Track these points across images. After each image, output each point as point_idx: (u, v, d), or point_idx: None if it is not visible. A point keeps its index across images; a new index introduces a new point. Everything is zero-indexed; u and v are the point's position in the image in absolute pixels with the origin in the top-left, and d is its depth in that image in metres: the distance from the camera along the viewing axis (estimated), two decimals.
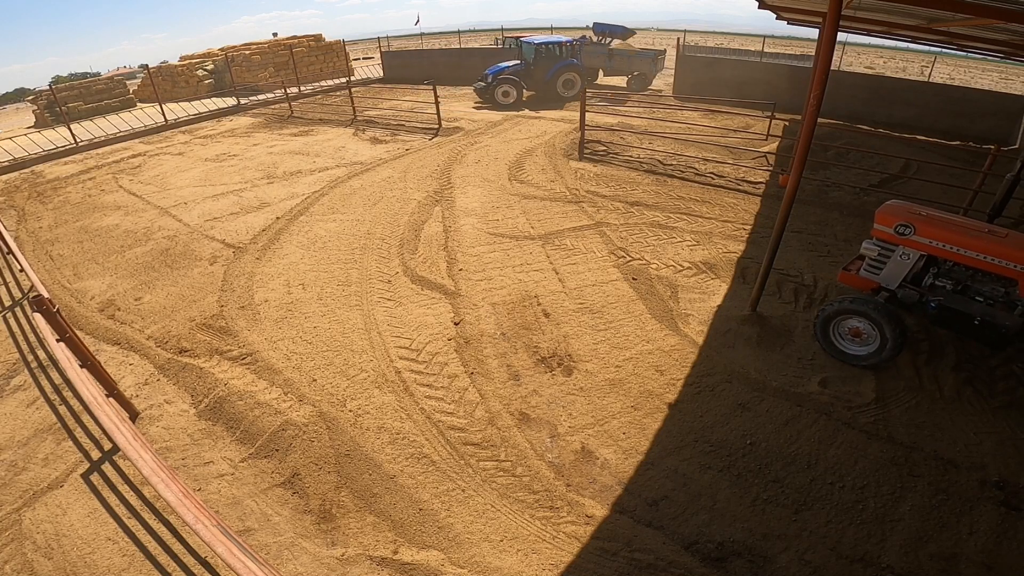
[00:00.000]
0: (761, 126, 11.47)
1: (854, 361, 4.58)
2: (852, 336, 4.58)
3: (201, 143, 13.54)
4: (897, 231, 4.45)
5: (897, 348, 4.33)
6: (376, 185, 9.38)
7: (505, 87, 15.41)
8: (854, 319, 4.47)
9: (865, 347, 4.52)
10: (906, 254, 4.50)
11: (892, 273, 4.60)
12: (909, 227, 4.38)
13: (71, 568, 3.24)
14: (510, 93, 15.44)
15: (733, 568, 3.08)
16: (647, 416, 4.15)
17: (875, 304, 4.34)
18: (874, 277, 4.70)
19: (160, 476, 2.89)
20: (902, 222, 4.42)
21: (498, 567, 3.13)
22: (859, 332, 4.51)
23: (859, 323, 4.47)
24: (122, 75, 29.84)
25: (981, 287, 4.29)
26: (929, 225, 4.34)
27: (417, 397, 4.43)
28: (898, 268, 4.56)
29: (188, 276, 6.67)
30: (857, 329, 4.51)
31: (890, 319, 4.26)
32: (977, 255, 4.16)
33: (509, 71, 15.67)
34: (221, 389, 4.63)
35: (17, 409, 4.63)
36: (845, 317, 4.53)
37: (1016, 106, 11.96)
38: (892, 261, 4.58)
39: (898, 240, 4.47)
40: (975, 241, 4.17)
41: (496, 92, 15.37)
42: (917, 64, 26.41)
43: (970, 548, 3.11)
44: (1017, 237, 4.20)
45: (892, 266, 4.59)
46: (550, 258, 6.51)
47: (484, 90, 15.65)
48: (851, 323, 4.52)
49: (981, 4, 4.31)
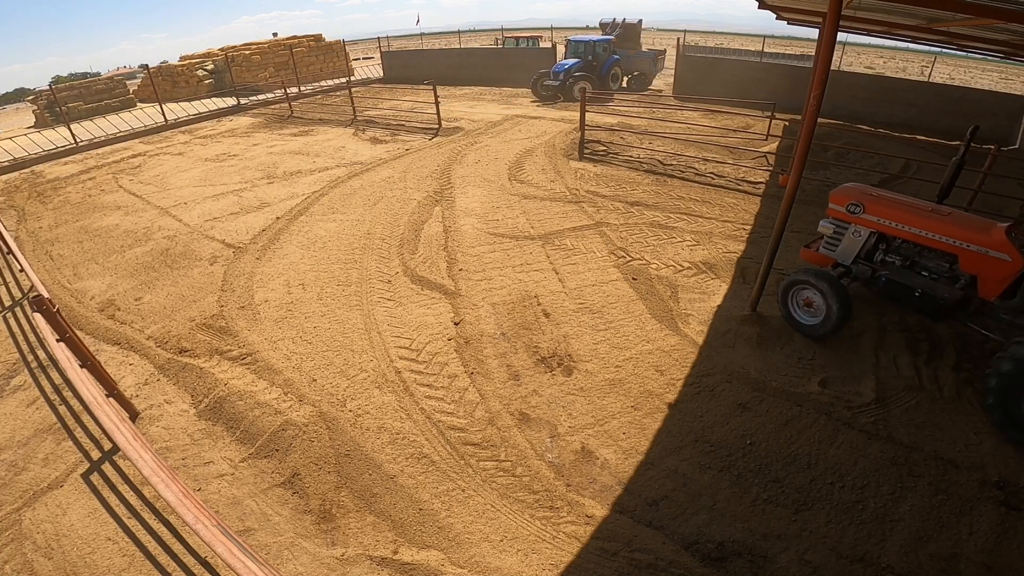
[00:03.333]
0: (761, 126, 11.47)
1: (803, 330, 4.90)
2: (805, 306, 4.89)
3: (201, 143, 13.54)
4: (849, 210, 4.80)
5: (840, 321, 4.61)
6: (376, 185, 9.38)
7: (582, 83, 15.88)
8: (808, 290, 4.78)
9: (814, 318, 4.82)
10: (858, 231, 4.84)
11: (846, 249, 4.95)
12: (859, 206, 4.74)
13: (71, 568, 3.24)
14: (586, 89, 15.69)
15: (733, 568, 3.08)
16: (647, 416, 4.15)
17: (826, 277, 4.62)
18: (831, 253, 5.07)
19: (160, 476, 2.89)
20: (853, 201, 4.78)
21: (498, 567, 3.13)
22: (811, 302, 4.82)
23: (812, 294, 4.77)
24: (122, 75, 29.84)
25: (927, 263, 4.57)
26: (878, 204, 4.67)
27: (417, 397, 4.43)
28: (851, 245, 4.90)
29: (188, 276, 6.67)
30: (810, 299, 4.82)
31: (836, 292, 4.54)
32: (921, 232, 4.45)
33: (577, 68, 16.34)
34: (221, 389, 4.63)
35: (17, 409, 4.63)
36: (801, 287, 4.84)
37: (1016, 106, 11.97)
38: (846, 238, 4.93)
39: (850, 218, 4.83)
40: (920, 219, 4.47)
41: (574, 89, 15.83)
42: (917, 64, 26.41)
43: (970, 548, 3.11)
44: (959, 215, 4.52)
45: (846, 243, 4.94)
46: (550, 258, 6.51)
47: (558, 87, 16.13)
48: (806, 294, 4.84)
49: (981, 4, 4.31)
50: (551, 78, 16.27)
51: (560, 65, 16.44)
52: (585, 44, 17.00)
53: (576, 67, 16.28)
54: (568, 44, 17.66)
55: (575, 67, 16.24)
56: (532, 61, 19.25)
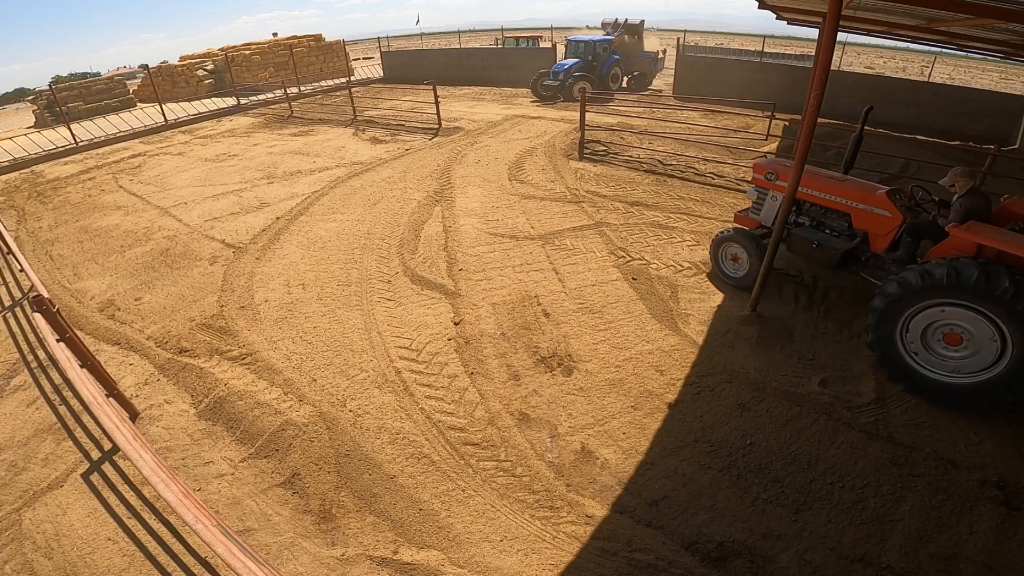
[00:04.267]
0: (761, 126, 11.48)
1: (731, 281, 5.79)
2: (732, 261, 5.77)
3: (201, 143, 13.55)
4: (767, 178, 5.65)
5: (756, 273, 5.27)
6: (376, 185, 9.38)
7: (581, 83, 15.90)
8: (735, 247, 5.66)
9: (739, 271, 5.71)
10: (775, 196, 5.63)
11: (767, 213, 5.74)
12: (774, 174, 5.57)
13: (71, 568, 3.24)
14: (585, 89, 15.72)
15: (733, 568, 3.08)
16: (647, 416, 4.15)
17: (750, 236, 5.54)
18: (756, 217, 5.88)
19: (160, 476, 2.89)
20: (770, 171, 5.62)
21: (498, 567, 3.13)
22: (737, 258, 5.70)
23: (738, 251, 5.64)
24: (122, 75, 29.86)
25: (830, 222, 5.39)
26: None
27: (417, 397, 4.43)
28: (771, 208, 5.69)
29: (188, 276, 6.67)
30: (736, 256, 5.70)
31: (757, 250, 5.41)
32: (822, 195, 5.28)
33: (577, 68, 16.36)
34: (221, 389, 4.63)
35: (17, 409, 4.63)
36: (728, 245, 5.73)
37: (1016, 106, 11.97)
38: (766, 203, 5.74)
39: (768, 185, 5.67)
40: (821, 184, 5.28)
41: (573, 89, 15.86)
42: (917, 64, 26.41)
43: (970, 548, 3.11)
44: (853, 182, 5.24)
45: (767, 207, 5.74)
46: (550, 258, 6.51)
47: (557, 88, 16.11)
48: (732, 250, 5.72)
49: (981, 4, 4.31)
50: (551, 78, 16.31)
51: (560, 65, 16.47)
52: (585, 44, 17.04)
53: (576, 67, 16.31)
54: (568, 44, 17.68)
55: (575, 67, 16.28)
56: (532, 61, 19.25)
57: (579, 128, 11.07)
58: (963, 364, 3.98)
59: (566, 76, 15.97)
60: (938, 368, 4.09)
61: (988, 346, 3.82)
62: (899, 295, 4.08)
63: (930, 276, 3.89)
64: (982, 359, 3.87)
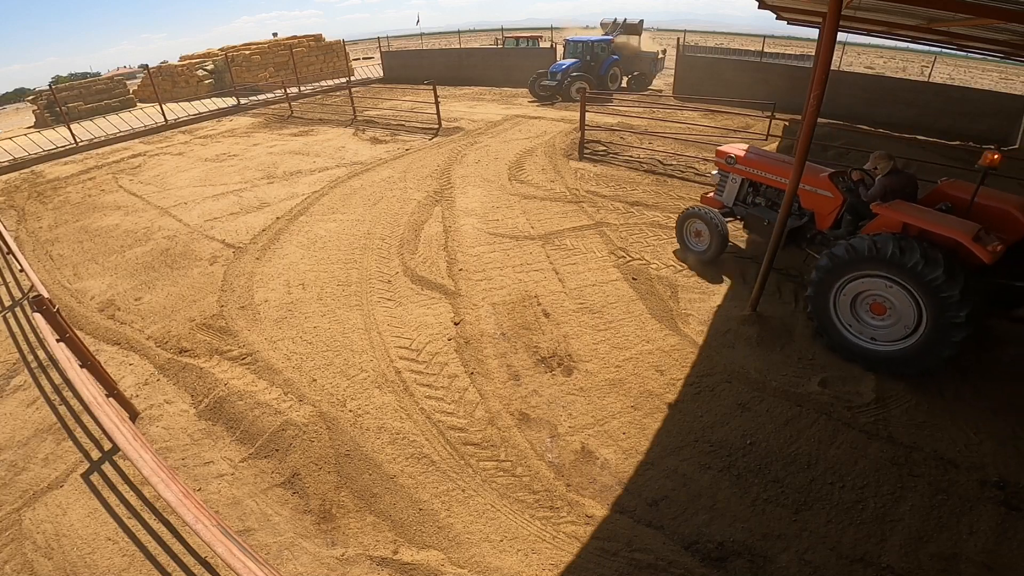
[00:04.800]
0: (761, 126, 11.47)
1: (695, 255, 6.29)
2: (695, 236, 6.29)
3: (201, 143, 13.55)
4: (727, 162, 6.22)
5: (719, 248, 6.01)
6: (376, 185, 9.38)
7: (579, 83, 15.87)
8: (697, 223, 6.18)
9: (702, 245, 6.21)
10: (735, 179, 6.26)
11: (728, 194, 6.36)
12: (732, 158, 6.15)
13: (71, 568, 3.24)
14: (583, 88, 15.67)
15: (733, 568, 3.08)
16: (647, 416, 4.15)
17: (711, 214, 6.05)
18: (719, 198, 6.49)
19: (160, 476, 2.89)
20: (729, 156, 6.16)
21: (498, 567, 3.13)
22: (700, 233, 6.20)
23: (700, 227, 6.15)
24: (122, 75, 29.86)
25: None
26: (746, 157, 6.03)
27: (417, 397, 4.43)
28: (731, 190, 6.32)
29: (188, 276, 6.67)
30: (699, 231, 6.19)
31: (717, 226, 5.95)
32: (774, 177, 5.82)
33: (575, 68, 16.30)
34: (221, 389, 4.63)
35: (17, 409, 4.63)
36: (691, 221, 6.26)
37: (1016, 106, 11.96)
38: (727, 185, 6.36)
39: (728, 169, 6.26)
40: (774, 168, 5.79)
41: (571, 89, 15.85)
42: (917, 64, 26.40)
43: (970, 548, 3.11)
44: None
45: (728, 189, 6.36)
46: (550, 258, 6.51)
47: (555, 88, 16.05)
48: (695, 226, 6.22)
49: (981, 4, 4.31)
50: (548, 78, 16.27)
51: (558, 65, 16.44)
52: (583, 44, 17.00)
53: (574, 67, 16.28)
54: (566, 44, 17.65)
55: (573, 67, 16.25)
56: (532, 61, 19.23)
57: (579, 128, 11.06)
58: (888, 333, 4.36)
59: (564, 76, 15.95)
60: (867, 337, 4.49)
61: (907, 315, 4.20)
62: (830, 267, 4.46)
63: (854, 250, 4.29)
64: (903, 328, 4.26)
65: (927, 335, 4.08)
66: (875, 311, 4.40)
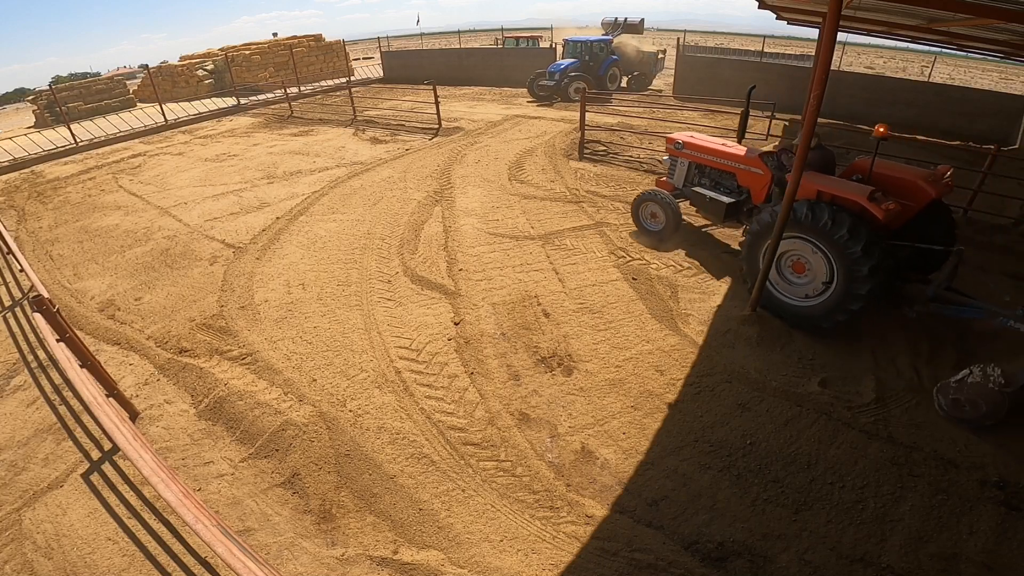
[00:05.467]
0: (761, 126, 11.48)
1: (651, 235, 6.85)
2: (651, 218, 6.87)
3: (201, 143, 13.55)
4: (675, 147, 6.87)
5: (674, 227, 6.65)
6: (376, 185, 9.38)
7: (577, 84, 15.83)
8: (652, 205, 6.77)
9: (658, 226, 6.79)
10: (683, 163, 6.88)
11: (678, 177, 6.98)
12: (680, 144, 6.80)
13: (71, 568, 3.24)
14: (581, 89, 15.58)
15: (733, 568, 3.08)
16: (647, 416, 4.15)
17: (665, 195, 6.70)
18: (671, 181, 7.08)
19: (160, 476, 2.89)
20: (677, 142, 6.83)
21: (498, 567, 3.13)
22: (655, 214, 6.81)
23: (655, 208, 6.75)
24: (122, 75, 29.86)
25: (723, 182, 6.51)
26: (691, 143, 6.70)
27: (417, 397, 4.43)
28: (680, 173, 6.94)
29: (188, 276, 6.67)
30: (655, 212, 6.79)
31: (671, 207, 6.60)
32: (714, 159, 6.45)
33: (573, 68, 16.24)
34: (221, 389, 4.63)
35: (17, 409, 4.63)
36: (646, 204, 6.84)
37: (1016, 106, 11.96)
38: (677, 169, 6.98)
39: (677, 153, 6.89)
40: (712, 150, 6.45)
41: (569, 89, 15.83)
42: (917, 64, 26.40)
43: (970, 548, 3.11)
44: (738, 147, 6.28)
45: (677, 172, 6.99)
46: (550, 258, 6.51)
47: (553, 88, 16.00)
48: (651, 208, 6.82)
49: (981, 4, 4.31)
50: (547, 78, 16.22)
51: (556, 65, 16.40)
52: (582, 44, 16.94)
53: (572, 67, 16.24)
54: (565, 44, 17.62)
55: (571, 67, 16.21)
56: (532, 61, 19.22)
57: (579, 128, 11.06)
58: (807, 290, 4.93)
59: (562, 76, 15.91)
60: (791, 294, 5.06)
61: (822, 272, 4.76)
62: (758, 231, 5.11)
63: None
64: (817, 285, 4.83)
65: (839, 290, 4.63)
66: (796, 270, 5.01)
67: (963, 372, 4.02)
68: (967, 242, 6.69)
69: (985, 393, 3.84)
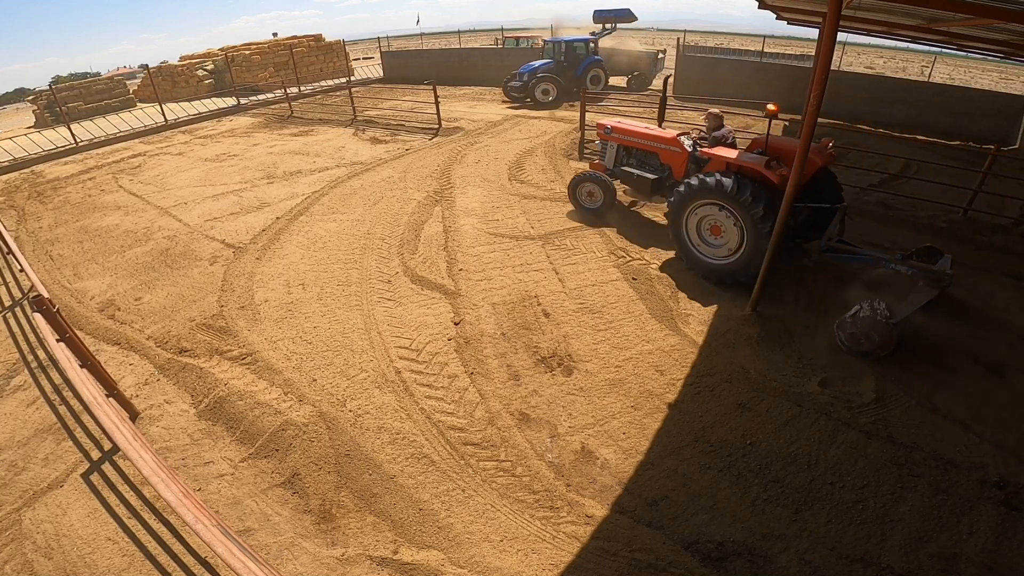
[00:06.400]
0: (761, 126, 11.46)
1: (590, 211, 7.53)
2: (588, 196, 7.52)
3: (201, 143, 13.54)
4: (605, 132, 7.56)
5: (609, 204, 7.38)
6: (376, 185, 9.38)
7: (545, 85, 15.39)
8: (589, 184, 7.43)
9: (595, 204, 7.47)
10: (612, 146, 7.56)
11: (609, 159, 7.64)
12: (608, 129, 7.50)
13: (71, 568, 3.24)
14: (549, 91, 15.33)
15: (733, 568, 3.08)
16: (647, 416, 4.15)
17: (600, 176, 7.36)
18: (603, 163, 7.72)
19: (160, 476, 2.89)
20: (606, 127, 7.54)
21: (498, 567, 3.14)
22: (592, 193, 7.46)
23: (592, 188, 7.41)
24: (122, 75, 29.85)
25: (648, 161, 7.27)
26: (618, 128, 7.42)
27: (417, 397, 4.43)
28: (611, 155, 7.61)
29: (188, 276, 6.67)
30: (592, 191, 7.45)
31: (606, 186, 7.32)
32: (638, 141, 7.18)
33: (544, 69, 15.68)
34: (221, 389, 4.63)
35: (17, 409, 4.63)
36: (583, 184, 7.48)
37: (1016, 106, 11.95)
38: (607, 151, 7.66)
39: (607, 138, 7.60)
40: (637, 133, 7.18)
41: (536, 91, 15.37)
42: (917, 64, 26.39)
43: (970, 548, 3.11)
44: (658, 129, 7.19)
45: (608, 154, 7.65)
46: (550, 258, 6.51)
47: (521, 89, 15.59)
48: (587, 188, 7.48)
49: (981, 4, 4.31)
50: (516, 79, 15.74)
51: (528, 66, 15.89)
52: (556, 44, 16.30)
53: (544, 68, 15.68)
54: (544, 44, 17.03)
55: (542, 68, 15.67)
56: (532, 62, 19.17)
57: (579, 128, 11.06)
58: (723, 251, 5.68)
59: (531, 77, 15.42)
60: (712, 255, 5.79)
61: (733, 233, 5.53)
62: (679, 201, 5.84)
63: (690, 185, 5.69)
64: (732, 245, 5.58)
65: (748, 247, 5.40)
66: (713, 233, 5.72)
67: (855, 308, 4.62)
68: (967, 242, 6.72)
69: (875, 325, 4.47)
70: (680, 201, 5.81)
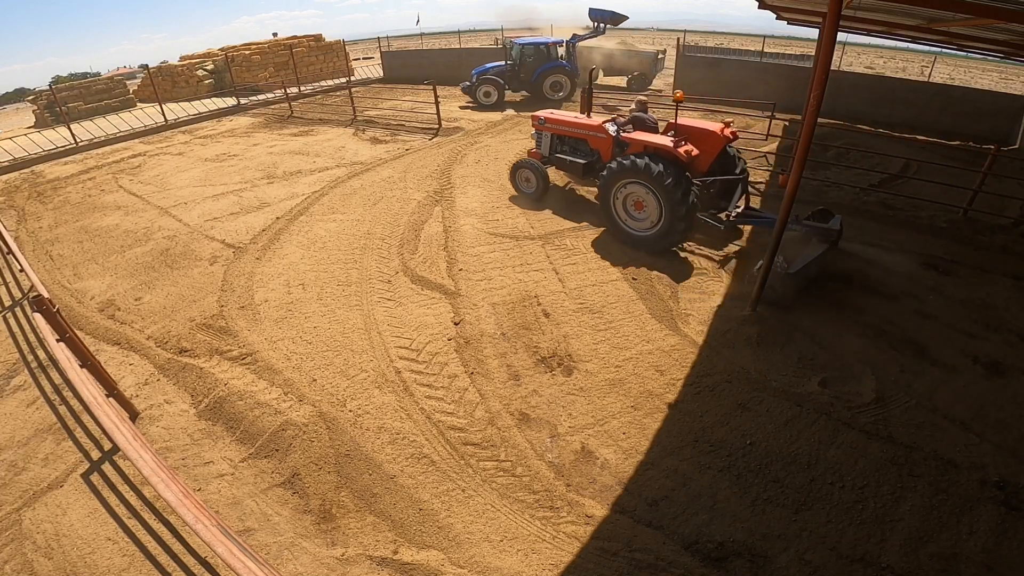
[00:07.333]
0: (761, 126, 11.48)
1: (527, 196, 8.18)
2: (525, 181, 8.17)
3: (201, 143, 13.54)
4: (539, 123, 8.21)
5: (544, 188, 7.96)
6: (376, 185, 9.38)
7: (486, 87, 15.41)
8: (526, 171, 8.08)
9: (531, 189, 8.11)
10: (546, 135, 8.18)
11: (544, 147, 8.26)
12: (542, 120, 8.15)
13: (71, 568, 3.24)
14: (491, 93, 15.38)
15: (733, 568, 3.08)
16: (647, 416, 4.15)
17: (535, 163, 8.03)
18: (539, 151, 8.35)
19: (160, 476, 2.90)
20: (540, 118, 8.18)
21: (498, 567, 3.13)
22: (528, 179, 8.11)
23: (528, 174, 8.07)
24: (122, 75, 29.83)
25: (579, 147, 7.93)
26: (550, 118, 8.07)
27: (417, 397, 4.43)
28: (545, 144, 8.23)
29: (188, 276, 6.67)
30: (528, 177, 8.10)
31: (540, 172, 7.91)
32: (569, 129, 7.86)
33: (493, 71, 15.64)
34: (221, 389, 4.63)
35: (17, 409, 4.63)
36: (521, 170, 8.16)
37: (1016, 106, 11.94)
38: (543, 141, 8.26)
39: (541, 128, 8.23)
40: (567, 123, 7.85)
41: (477, 92, 15.44)
42: (917, 64, 26.39)
43: (970, 548, 3.11)
44: (585, 118, 7.70)
45: (543, 143, 8.26)
46: (550, 258, 6.51)
47: (468, 89, 15.75)
48: (524, 174, 8.13)
49: (981, 4, 4.31)
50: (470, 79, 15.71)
51: (482, 67, 15.89)
52: (518, 47, 15.73)
53: (495, 70, 15.55)
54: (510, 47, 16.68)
55: (493, 70, 15.56)
56: None
57: None
58: (646, 223, 6.41)
59: (477, 79, 15.45)
60: (637, 228, 6.52)
61: (653, 207, 6.23)
62: (606, 181, 6.52)
63: (611, 167, 6.44)
64: (653, 218, 6.30)
65: (666, 217, 6.12)
66: (637, 208, 6.43)
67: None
68: (967, 242, 6.72)
69: (776, 276, 5.08)
70: (607, 181, 6.50)
